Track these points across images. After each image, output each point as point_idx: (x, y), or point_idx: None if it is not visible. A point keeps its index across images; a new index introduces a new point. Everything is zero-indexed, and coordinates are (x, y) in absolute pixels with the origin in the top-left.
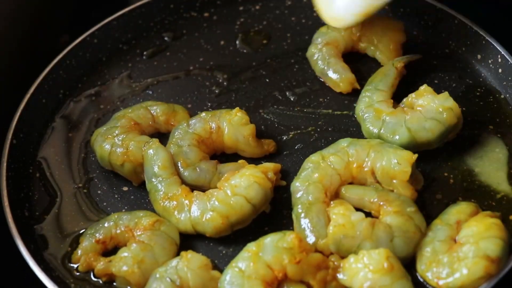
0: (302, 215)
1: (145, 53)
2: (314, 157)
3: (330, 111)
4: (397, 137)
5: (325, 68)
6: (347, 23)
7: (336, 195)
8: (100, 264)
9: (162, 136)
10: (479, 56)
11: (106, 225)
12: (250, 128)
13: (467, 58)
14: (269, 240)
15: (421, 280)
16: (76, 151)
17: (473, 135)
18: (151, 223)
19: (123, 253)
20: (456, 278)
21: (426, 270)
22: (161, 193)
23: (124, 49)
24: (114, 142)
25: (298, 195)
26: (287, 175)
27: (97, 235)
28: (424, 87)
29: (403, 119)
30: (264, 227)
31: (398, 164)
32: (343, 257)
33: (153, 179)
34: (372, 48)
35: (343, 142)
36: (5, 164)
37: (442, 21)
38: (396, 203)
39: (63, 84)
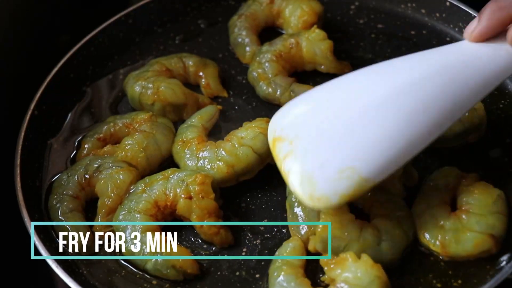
0: (296, 204)
1: (177, 37)
2: None
3: None
4: None
5: (236, 38)
6: (332, 204)
7: None
8: (107, 147)
9: (189, 86)
10: None
11: (104, 126)
12: (328, 43)
13: None
14: (182, 173)
15: (423, 249)
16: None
17: (490, 144)
18: (148, 116)
19: (127, 141)
20: (462, 248)
21: (431, 237)
22: (182, 136)
23: (158, 32)
24: (145, 84)
25: None
26: None
27: (96, 135)
28: None
29: None
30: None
31: None
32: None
33: (185, 124)
34: (286, 25)
35: None
36: (23, 133)
37: None
38: (386, 205)
39: (93, 60)
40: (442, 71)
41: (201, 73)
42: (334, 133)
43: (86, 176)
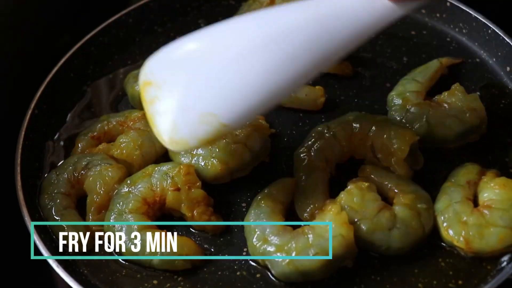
0: (303, 183)
1: (177, 37)
2: (320, 128)
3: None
4: (416, 127)
5: None
6: (189, 147)
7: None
8: (102, 145)
9: None
10: (508, 68)
11: (98, 124)
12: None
13: (497, 69)
14: (164, 167)
15: (445, 245)
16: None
17: (490, 144)
18: (141, 114)
19: (122, 139)
20: (487, 244)
21: (455, 234)
22: None
23: (158, 32)
24: None
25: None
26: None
27: (90, 133)
28: (455, 86)
29: (426, 112)
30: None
31: (397, 141)
32: None
33: None
34: None
35: (350, 115)
36: (23, 133)
37: (476, 30)
38: (410, 196)
39: (93, 60)
40: (312, 23)
41: None
42: (200, 80)
43: (75, 173)
